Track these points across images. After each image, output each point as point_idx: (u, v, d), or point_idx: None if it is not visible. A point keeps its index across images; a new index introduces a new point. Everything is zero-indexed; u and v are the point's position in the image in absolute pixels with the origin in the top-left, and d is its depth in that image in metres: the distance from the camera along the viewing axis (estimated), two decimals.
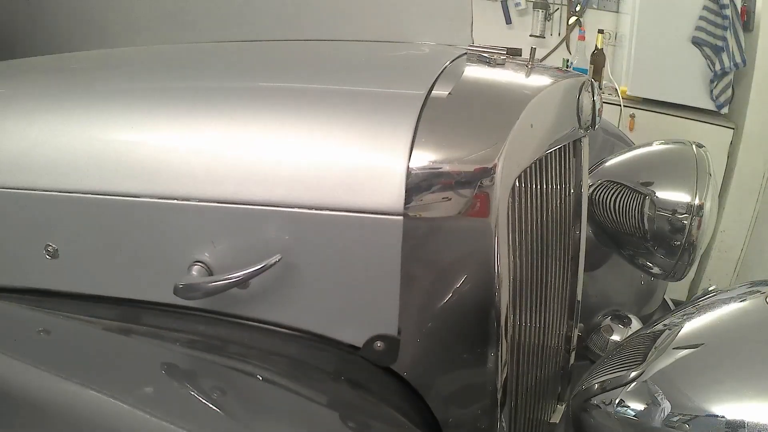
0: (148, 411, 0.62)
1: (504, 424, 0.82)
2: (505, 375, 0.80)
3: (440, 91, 0.79)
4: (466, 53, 0.95)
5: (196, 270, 0.78)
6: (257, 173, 0.77)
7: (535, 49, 0.93)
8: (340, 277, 0.77)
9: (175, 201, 0.79)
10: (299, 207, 0.75)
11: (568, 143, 0.99)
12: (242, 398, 0.72)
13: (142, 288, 0.85)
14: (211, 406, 0.68)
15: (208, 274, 0.79)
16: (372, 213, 0.73)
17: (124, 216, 0.82)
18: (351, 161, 0.75)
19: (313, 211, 0.74)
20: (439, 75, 0.83)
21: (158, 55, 1.25)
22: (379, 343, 0.77)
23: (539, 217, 0.90)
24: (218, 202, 0.77)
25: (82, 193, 0.83)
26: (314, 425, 0.69)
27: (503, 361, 0.79)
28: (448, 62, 0.89)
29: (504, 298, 0.77)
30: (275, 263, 0.74)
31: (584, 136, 1.04)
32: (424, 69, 0.90)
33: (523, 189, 0.83)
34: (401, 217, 0.72)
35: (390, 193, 0.72)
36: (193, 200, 0.78)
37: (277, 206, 0.75)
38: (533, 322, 0.95)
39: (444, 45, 1.13)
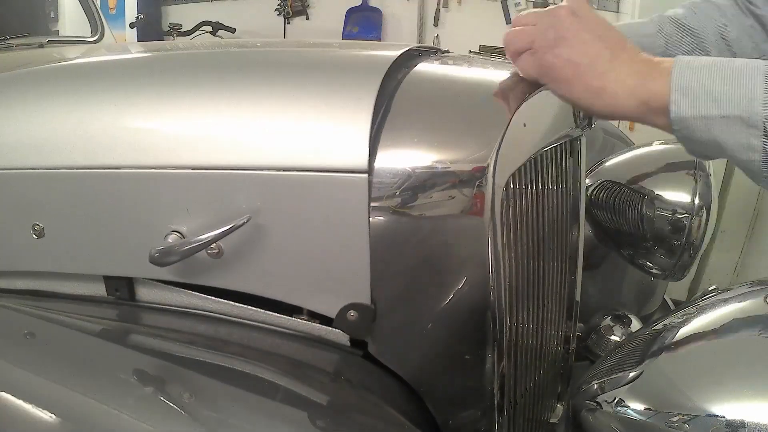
0: (144, 413, 0.63)
1: (503, 426, 0.82)
2: (501, 377, 0.80)
3: (414, 80, 0.82)
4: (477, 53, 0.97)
5: (172, 238, 0.81)
6: (229, 139, 0.81)
7: None
8: (310, 241, 0.79)
9: (153, 170, 0.82)
10: (268, 169, 0.78)
11: (565, 142, 0.98)
12: (242, 399, 0.71)
13: (125, 262, 0.87)
14: (210, 407, 0.68)
15: None
16: (337, 171, 0.75)
17: (107, 189, 0.85)
18: (318, 126, 0.78)
19: (282, 173, 0.77)
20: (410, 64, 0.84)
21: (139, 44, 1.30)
22: (352, 313, 0.78)
23: (535, 217, 0.90)
24: (192, 168, 0.80)
25: (69, 169, 0.85)
26: (314, 426, 0.69)
27: (500, 364, 0.78)
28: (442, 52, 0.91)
29: (499, 299, 0.76)
30: (243, 224, 0.77)
31: (581, 135, 1.04)
32: (393, 49, 0.92)
33: (518, 189, 0.83)
34: (366, 175, 0.74)
35: (354, 151, 0.74)
36: (169, 168, 0.81)
37: (248, 169, 0.78)
38: (530, 323, 0.95)
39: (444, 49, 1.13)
